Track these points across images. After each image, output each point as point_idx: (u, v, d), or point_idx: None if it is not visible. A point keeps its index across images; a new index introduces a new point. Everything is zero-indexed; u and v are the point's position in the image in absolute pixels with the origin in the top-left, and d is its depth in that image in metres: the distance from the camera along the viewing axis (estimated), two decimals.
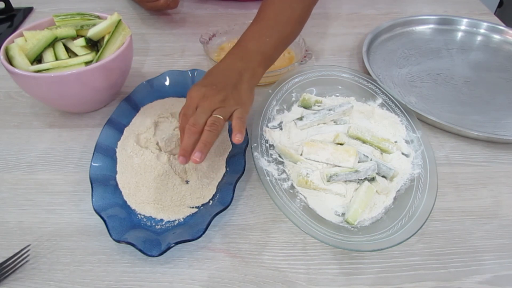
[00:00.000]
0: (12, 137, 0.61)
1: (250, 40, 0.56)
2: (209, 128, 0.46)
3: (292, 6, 0.58)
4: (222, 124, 0.46)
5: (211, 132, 0.45)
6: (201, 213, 0.49)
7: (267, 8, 0.58)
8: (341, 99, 0.63)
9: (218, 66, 0.53)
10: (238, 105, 0.48)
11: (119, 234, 0.44)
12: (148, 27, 0.88)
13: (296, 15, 0.59)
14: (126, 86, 0.68)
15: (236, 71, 0.51)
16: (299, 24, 0.61)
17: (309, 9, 0.62)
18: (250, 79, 0.52)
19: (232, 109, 0.48)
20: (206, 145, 0.45)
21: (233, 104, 0.48)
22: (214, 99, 0.48)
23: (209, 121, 0.46)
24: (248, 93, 0.51)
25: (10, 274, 0.44)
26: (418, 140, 0.56)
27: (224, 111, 0.47)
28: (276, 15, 0.58)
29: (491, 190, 0.54)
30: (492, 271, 0.45)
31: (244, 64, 0.52)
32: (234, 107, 0.48)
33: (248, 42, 0.55)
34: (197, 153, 0.44)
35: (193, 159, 0.44)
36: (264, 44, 0.55)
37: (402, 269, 0.45)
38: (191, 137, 0.45)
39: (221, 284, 0.43)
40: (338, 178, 0.50)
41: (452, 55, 0.80)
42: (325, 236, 0.43)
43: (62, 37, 0.60)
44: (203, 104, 0.47)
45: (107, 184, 0.50)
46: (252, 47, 0.55)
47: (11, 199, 0.52)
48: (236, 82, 0.50)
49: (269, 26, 0.57)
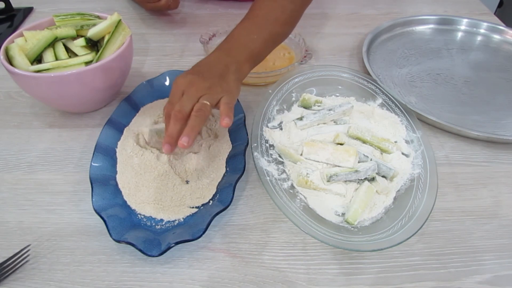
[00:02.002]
0: (12, 137, 0.61)
1: (239, 37, 0.56)
2: (196, 114, 0.45)
3: (283, 6, 0.59)
4: (209, 110, 0.46)
5: (198, 117, 0.45)
6: (201, 213, 0.49)
7: (258, 6, 0.59)
8: (341, 99, 0.63)
9: (205, 59, 0.53)
10: (225, 92, 0.48)
11: (119, 234, 0.44)
12: (148, 27, 0.88)
13: (286, 15, 0.59)
14: (126, 86, 0.68)
15: (222, 64, 0.51)
16: (289, 25, 0.62)
17: (300, 10, 0.62)
18: (236, 72, 0.52)
19: (219, 96, 0.47)
20: (193, 130, 0.44)
21: (220, 91, 0.48)
22: (201, 86, 0.47)
23: (196, 107, 0.45)
24: (235, 83, 0.51)
25: (10, 274, 0.44)
26: (418, 140, 0.56)
27: (210, 97, 0.47)
28: (266, 14, 0.58)
29: (491, 190, 0.54)
30: (492, 271, 0.45)
31: (231, 59, 0.52)
32: (221, 94, 0.48)
33: (236, 39, 0.55)
34: (185, 138, 0.43)
35: (180, 143, 0.43)
36: (252, 41, 0.55)
37: (402, 269, 0.45)
38: (177, 124, 0.45)
39: (221, 284, 0.43)
40: (338, 178, 0.50)
41: (452, 55, 0.80)
42: (325, 236, 0.43)
43: (62, 37, 0.60)
44: (189, 91, 0.47)
45: (107, 184, 0.50)
46: (240, 43, 0.55)
47: (11, 199, 0.52)
48: (222, 72, 0.50)
49: (258, 24, 0.57)
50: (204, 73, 0.49)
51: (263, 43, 0.56)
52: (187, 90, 0.47)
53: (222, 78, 0.49)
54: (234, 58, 0.53)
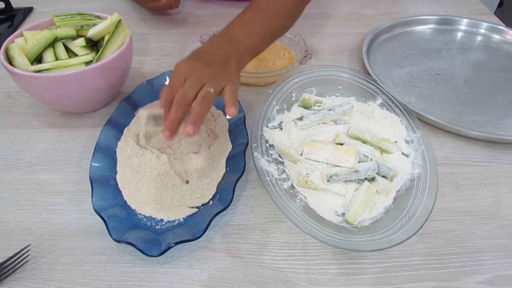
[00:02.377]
0: (12, 137, 0.61)
1: (239, 27, 0.55)
2: (201, 101, 0.44)
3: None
4: (213, 98, 0.45)
5: (203, 105, 0.44)
6: (201, 213, 0.49)
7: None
8: (341, 99, 0.63)
9: (205, 45, 0.52)
10: (228, 81, 0.47)
11: (119, 234, 0.44)
12: (148, 27, 0.88)
13: (288, 8, 0.59)
14: (126, 86, 0.68)
15: (223, 51, 0.50)
16: (289, 18, 0.61)
17: (302, 4, 0.62)
18: (237, 61, 0.51)
19: (222, 84, 0.46)
20: (199, 118, 0.43)
21: (223, 79, 0.47)
22: (204, 72, 0.46)
23: (201, 94, 0.44)
24: (236, 72, 0.50)
25: (10, 274, 0.44)
26: (418, 140, 0.56)
27: (215, 85, 0.45)
28: (267, 6, 0.57)
29: (491, 190, 0.54)
30: (492, 271, 0.45)
31: (231, 48, 0.51)
32: (224, 82, 0.46)
33: (236, 29, 0.55)
34: (190, 126, 0.42)
35: (186, 131, 0.42)
36: (252, 33, 0.55)
37: (402, 269, 0.45)
38: (179, 110, 0.43)
39: (221, 284, 0.43)
40: (338, 178, 0.50)
41: (452, 55, 0.80)
42: (325, 236, 0.43)
43: (62, 37, 0.60)
44: (192, 77, 0.45)
45: (107, 184, 0.50)
46: (240, 33, 0.54)
47: (11, 199, 0.52)
48: (224, 60, 0.49)
49: (259, 15, 0.57)
50: (206, 60, 0.48)
51: (263, 35, 0.56)
52: (190, 76, 0.45)
53: (225, 65, 0.49)
54: (235, 48, 0.52)
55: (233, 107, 0.44)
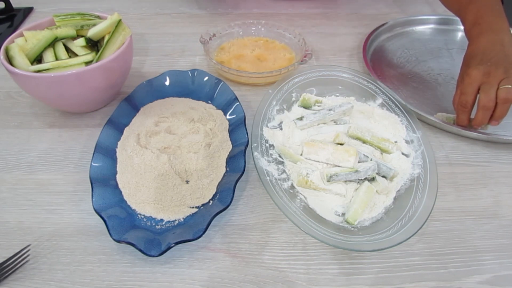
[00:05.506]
0: (12, 137, 0.61)
1: (485, 12, 0.59)
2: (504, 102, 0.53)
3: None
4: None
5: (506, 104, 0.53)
6: (201, 213, 0.49)
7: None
8: (341, 99, 0.63)
9: (475, 49, 0.57)
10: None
11: (119, 234, 0.44)
12: (148, 27, 0.88)
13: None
14: (126, 86, 0.68)
15: (497, 43, 0.55)
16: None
17: None
18: (509, 43, 0.55)
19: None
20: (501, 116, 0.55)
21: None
22: (497, 72, 0.52)
23: (502, 95, 0.52)
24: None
25: (10, 274, 0.44)
26: (418, 140, 0.56)
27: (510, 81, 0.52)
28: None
29: (491, 190, 0.54)
30: (492, 271, 0.45)
31: (498, 36, 0.56)
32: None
33: (484, 15, 0.59)
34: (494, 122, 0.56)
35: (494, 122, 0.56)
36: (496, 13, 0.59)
37: (402, 269, 0.45)
38: (486, 113, 0.54)
39: (221, 284, 0.43)
40: (338, 178, 0.50)
41: (452, 55, 0.80)
42: (325, 236, 0.43)
43: (62, 37, 0.60)
44: (488, 81, 0.52)
45: (107, 184, 0.50)
46: (489, 20, 0.58)
47: (11, 199, 0.52)
48: (504, 51, 0.54)
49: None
50: (491, 60, 0.53)
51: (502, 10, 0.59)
52: (485, 80, 0.53)
53: (508, 57, 0.54)
54: (499, 34, 0.56)
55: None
